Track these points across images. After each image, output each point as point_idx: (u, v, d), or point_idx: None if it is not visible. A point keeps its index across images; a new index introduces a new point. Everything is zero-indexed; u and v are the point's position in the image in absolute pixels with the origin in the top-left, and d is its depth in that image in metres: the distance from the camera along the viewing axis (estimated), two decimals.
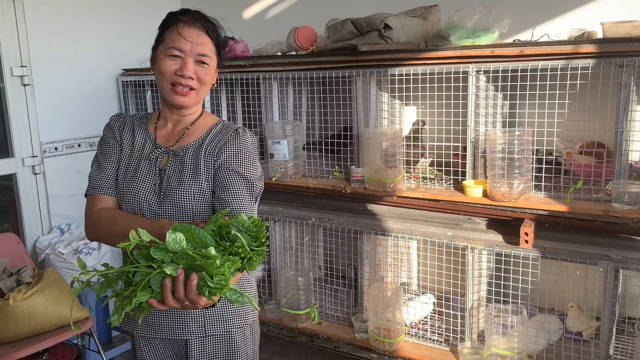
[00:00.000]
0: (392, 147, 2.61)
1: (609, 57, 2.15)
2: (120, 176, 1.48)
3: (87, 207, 1.47)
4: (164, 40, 1.45)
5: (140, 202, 1.43)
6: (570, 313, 2.66)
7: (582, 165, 2.40)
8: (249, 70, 3.10)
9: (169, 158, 1.48)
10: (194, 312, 1.44)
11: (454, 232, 2.67)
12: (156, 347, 1.52)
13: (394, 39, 2.63)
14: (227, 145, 1.46)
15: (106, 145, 1.52)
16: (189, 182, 1.42)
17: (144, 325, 1.46)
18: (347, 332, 2.95)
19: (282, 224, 3.16)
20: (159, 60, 1.45)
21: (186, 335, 1.46)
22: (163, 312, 1.43)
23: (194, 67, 1.42)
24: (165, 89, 1.44)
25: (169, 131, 1.53)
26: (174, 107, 1.48)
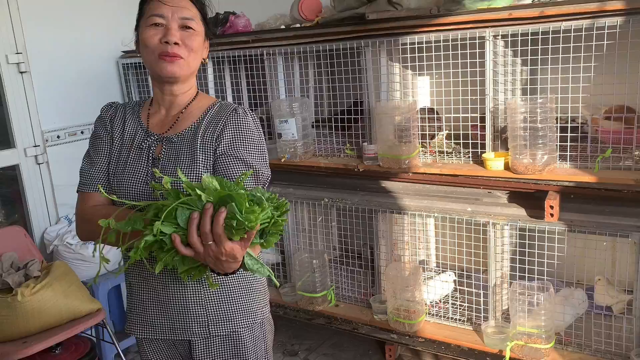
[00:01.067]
0: (406, 121, 2.48)
1: (639, 14, 1.99)
2: (112, 169, 1.39)
3: (78, 205, 1.39)
4: (143, 13, 1.36)
5: (133, 195, 1.33)
6: (598, 287, 2.54)
7: (610, 132, 2.25)
8: (252, 45, 2.96)
9: (162, 146, 1.37)
10: (196, 311, 1.36)
11: (474, 207, 2.55)
12: (160, 348, 1.44)
13: (404, 5, 2.47)
14: (227, 128, 1.34)
15: (97, 139, 1.43)
16: (186, 171, 1.32)
17: (146, 326, 1.39)
18: (365, 313, 2.87)
19: (293, 206, 3.06)
20: (141, 35, 1.35)
21: (189, 336, 1.38)
22: (164, 312, 1.36)
23: (179, 33, 1.32)
24: (152, 60, 1.33)
25: (163, 117, 1.42)
26: (165, 82, 1.37)
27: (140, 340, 1.44)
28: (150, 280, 1.35)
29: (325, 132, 3.06)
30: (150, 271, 1.27)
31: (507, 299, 2.59)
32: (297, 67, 3.07)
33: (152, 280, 1.35)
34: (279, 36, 2.87)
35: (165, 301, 1.35)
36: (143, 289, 1.37)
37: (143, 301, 1.38)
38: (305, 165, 2.85)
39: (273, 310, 3.22)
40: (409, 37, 2.47)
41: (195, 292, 1.35)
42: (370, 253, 2.96)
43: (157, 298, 1.36)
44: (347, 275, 3.05)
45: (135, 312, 1.39)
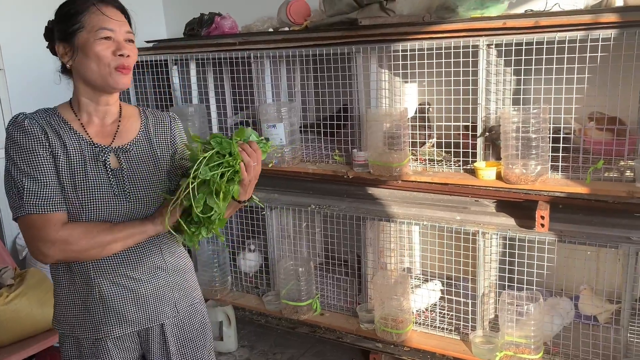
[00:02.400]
0: (397, 128, 2.45)
1: (633, 27, 2.00)
2: (68, 187, 1.36)
3: (38, 229, 1.32)
4: (84, 26, 1.37)
5: (104, 208, 1.38)
6: (583, 297, 2.56)
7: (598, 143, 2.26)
8: (240, 48, 2.90)
9: (117, 157, 1.43)
10: (166, 294, 1.49)
11: (463, 216, 2.54)
12: (125, 346, 1.48)
13: (396, 12, 2.45)
14: (174, 125, 1.57)
15: (34, 155, 1.34)
16: (154, 176, 1.45)
17: (123, 323, 1.44)
18: (351, 322, 2.82)
19: (279, 212, 3.00)
20: (88, 47, 1.36)
21: (162, 320, 1.49)
22: (139, 305, 1.45)
23: (128, 46, 1.40)
24: (106, 73, 1.37)
25: (99, 127, 1.45)
26: (107, 93, 1.42)
27: (104, 342, 1.45)
28: (121, 282, 1.42)
29: (312, 138, 3.01)
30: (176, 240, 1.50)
31: (494, 308, 2.59)
32: (284, 71, 3.02)
33: (123, 280, 1.43)
34: (267, 39, 2.81)
35: (139, 295, 1.45)
36: (117, 292, 1.42)
37: (117, 303, 1.42)
38: (293, 171, 2.80)
39: (254, 318, 3.18)
40: (402, 44, 2.45)
41: (166, 278, 1.50)
42: (357, 261, 2.92)
43: (131, 295, 1.44)
44: (332, 283, 3.00)
45: (107, 315, 1.42)
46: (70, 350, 1.47)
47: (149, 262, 1.46)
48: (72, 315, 1.43)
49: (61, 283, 1.44)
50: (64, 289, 1.44)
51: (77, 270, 1.40)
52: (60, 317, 1.46)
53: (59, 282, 1.44)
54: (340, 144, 2.87)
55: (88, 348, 1.45)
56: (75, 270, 1.40)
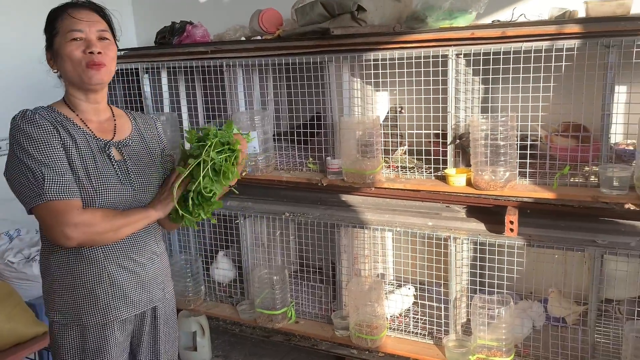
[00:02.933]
0: (369, 136, 2.48)
1: (595, 37, 2.08)
2: (82, 176, 1.47)
3: (62, 214, 1.41)
4: (58, 31, 1.48)
5: (114, 195, 1.51)
6: (551, 299, 2.62)
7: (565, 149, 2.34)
8: (212, 57, 2.89)
9: (119, 150, 1.57)
10: (159, 280, 1.67)
11: (435, 221, 2.58)
12: (126, 328, 1.62)
13: (368, 22, 2.48)
14: (158, 124, 1.77)
15: (49, 146, 1.43)
16: (154, 167, 1.64)
17: (129, 305, 1.58)
18: (326, 329, 2.83)
19: (252, 220, 3.00)
20: (62, 50, 1.47)
21: (156, 302, 1.67)
22: (143, 288, 1.60)
23: (99, 43, 1.49)
24: (80, 71, 1.47)
25: (98, 124, 1.57)
26: (91, 90, 1.52)
27: (109, 324, 1.56)
28: (127, 265, 1.57)
29: (285, 146, 3.02)
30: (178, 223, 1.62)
31: (466, 312, 2.63)
32: (257, 79, 3.03)
33: (129, 264, 1.57)
34: (240, 48, 2.82)
35: (142, 278, 1.60)
36: (125, 275, 1.56)
37: (125, 285, 1.56)
38: (266, 180, 2.80)
39: (228, 328, 3.17)
40: (373, 54, 2.49)
41: (159, 265, 1.67)
42: (332, 268, 2.94)
43: (136, 278, 1.59)
44: (307, 290, 3.00)
45: (116, 297, 1.54)
46: (73, 338, 1.54)
47: (148, 247, 1.63)
48: (80, 302, 1.51)
49: (67, 273, 1.51)
50: (70, 278, 1.51)
51: (87, 257, 1.51)
52: (62, 307, 1.52)
53: (64, 273, 1.51)
54: (314, 152, 2.88)
55: (94, 333, 1.54)
56: (86, 256, 1.50)
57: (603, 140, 2.16)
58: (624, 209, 2.17)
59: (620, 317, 2.43)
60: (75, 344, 1.55)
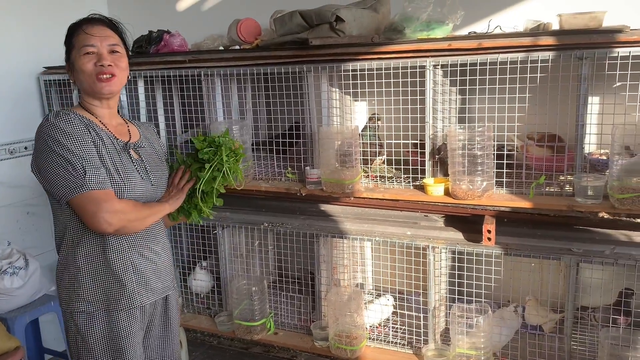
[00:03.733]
0: (348, 146, 2.49)
1: (569, 50, 2.12)
2: (113, 172, 1.61)
3: (102, 202, 1.54)
4: (74, 45, 1.64)
5: (138, 189, 1.66)
6: (529, 307, 2.65)
7: (540, 158, 2.37)
8: (190, 66, 2.87)
9: (135, 151, 1.72)
10: (170, 269, 1.80)
11: (414, 231, 2.59)
12: (146, 314, 1.73)
13: (346, 32, 2.49)
14: (155, 130, 1.97)
15: (85, 143, 1.57)
16: (163, 167, 1.81)
17: (149, 292, 1.69)
18: (305, 340, 2.82)
19: (230, 230, 2.97)
20: (76, 63, 1.62)
21: (169, 291, 1.80)
22: (159, 275, 1.73)
23: (110, 56, 1.63)
24: (91, 82, 1.62)
25: (114, 127, 1.72)
26: (103, 98, 1.67)
27: (127, 311, 1.66)
28: (147, 254, 1.70)
29: (264, 155, 3.01)
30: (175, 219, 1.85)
31: (445, 321, 2.64)
32: (235, 88, 3.01)
33: (149, 253, 1.70)
34: (218, 57, 2.80)
35: (159, 266, 1.74)
36: (145, 263, 1.69)
37: (146, 273, 1.69)
38: (245, 190, 2.77)
39: (206, 340, 3.13)
40: (352, 64, 2.50)
41: (169, 253, 1.81)
42: (311, 278, 2.93)
43: (154, 267, 1.72)
44: (286, 301, 2.98)
45: (140, 284, 1.67)
46: (100, 325, 1.64)
47: (162, 238, 1.78)
48: (107, 291, 1.63)
49: (95, 263, 1.62)
50: (98, 268, 1.63)
51: (113, 247, 1.63)
52: (91, 296, 1.62)
53: (92, 263, 1.62)
54: (293, 162, 2.88)
55: (121, 319, 1.65)
56: (112, 246, 1.62)
57: (577, 150, 2.20)
58: (598, 218, 2.21)
59: (596, 324, 2.47)
60: (102, 331, 1.65)
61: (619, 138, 2.06)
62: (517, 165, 2.39)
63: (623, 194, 2.04)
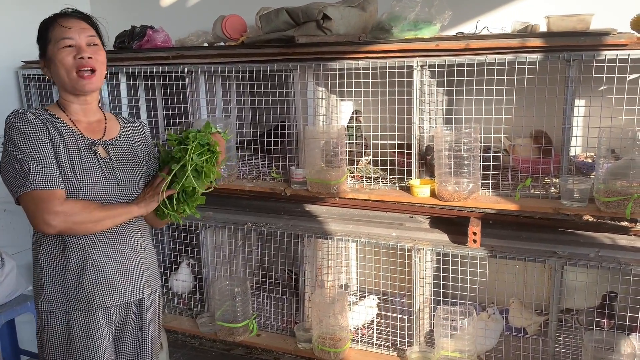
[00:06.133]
0: (334, 146, 2.45)
1: (556, 52, 2.11)
2: (68, 170, 1.56)
3: (42, 202, 1.50)
4: (50, 39, 1.58)
5: (98, 189, 1.59)
6: (512, 309, 2.64)
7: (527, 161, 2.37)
8: (173, 62, 2.82)
9: (106, 149, 1.65)
10: (145, 273, 1.73)
11: (399, 232, 2.57)
12: (111, 318, 1.66)
13: (333, 31, 2.46)
14: (146, 129, 1.85)
15: (37, 142, 1.52)
16: (138, 168, 1.71)
17: (114, 294, 1.63)
18: (288, 342, 2.78)
19: (213, 230, 2.92)
20: (55, 57, 1.57)
21: (142, 295, 1.72)
22: (127, 279, 1.67)
23: (89, 49, 1.59)
24: (72, 78, 1.57)
25: (87, 124, 1.66)
26: (80, 95, 1.62)
27: (94, 311, 1.61)
28: (112, 254, 1.64)
29: (249, 155, 2.97)
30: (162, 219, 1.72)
31: (430, 323, 2.62)
32: (220, 86, 2.97)
33: (114, 253, 1.64)
34: (202, 54, 2.75)
35: (126, 267, 1.67)
36: (108, 264, 1.63)
37: (109, 273, 1.63)
38: (228, 189, 2.74)
39: (187, 341, 3.07)
40: (338, 63, 2.47)
41: (145, 258, 1.73)
42: (295, 279, 2.89)
43: (122, 268, 1.66)
44: (269, 302, 2.94)
45: (100, 285, 1.61)
46: (58, 325, 1.61)
47: (133, 239, 1.70)
48: (66, 290, 1.59)
49: (54, 262, 1.59)
50: (57, 267, 1.59)
51: (72, 246, 1.58)
52: (50, 296, 1.59)
53: (51, 262, 1.59)
54: (278, 161, 2.84)
55: (79, 320, 1.61)
56: (71, 245, 1.58)
57: (564, 153, 2.19)
58: (583, 221, 2.21)
59: (580, 327, 2.47)
60: (60, 332, 1.61)
61: (605, 141, 2.06)
62: (504, 167, 2.38)
63: (609, 197, 2.04)
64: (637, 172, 2.00)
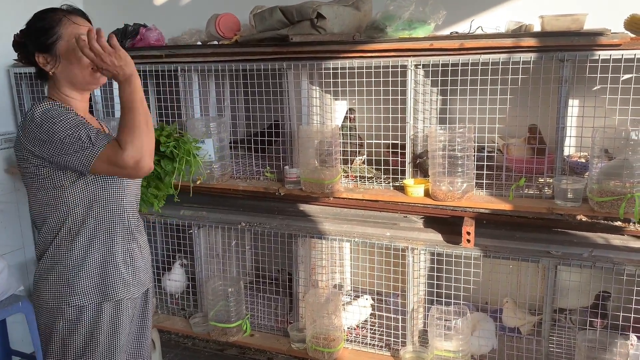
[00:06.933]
0: (328, 145, 2.45)
1: (550, 51, 2.11)
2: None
3: (112, 157, 1.52)
4: (61, 36, 1.58)
5: (133, 181, 1.74)
6: (506, 309, 2.64)
7: (521, 160, 2.37)
8: (165, 61, 2.80)
9: None
10: (150, 263, 1.83)
11: (393, 232, 2.57)
12: (134, 307, 1.74)
13: (327, 30, 2.45)
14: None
15: (84, 125, 1.55)
16: None
17: (137, 285, 1.72)
18: (282, 342, 2.77)
19: (207, 230, 2.91)
20: (70, 54, 1.58)
21: (150, 283, 1.83)
22: (145, 268, 1.77)
23: None
24: (86, 74, 1.60)
25: (89, 119, 1.69)
26: (86, 91, 1.68)
27: (120, 302, 1.67)
28: (134, 247, 1.73)
29: (242, 154, 2.95)
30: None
31: (423, 323, 2.62)
32: (213, 85, 2.95)
33: (135, 246, 1.73)
34: (195, 52, 2.74)
35: (146, 258, 1.79)
36: (134, 254, 1.72)
37: (135, 264, 1.72)
38: (222, 188, 2.73)
39: (180, 341, 3.06)
40: (332, 62, 2.46)
41: (148, 248, 1.83)
42: (288, 279, 2.88)
43: (142, 258, 1.76)
44: (263, 302, 2.93)
45: (129, 275, 1.69)
46: (90, 318, 1.64)
47: (142, 229, 1.81)
48: (102, 284, 1.64)
49: (88, 258, 1.63)
50: (96, 261, 1.64)
51: (100, 238, 1.64)
52: (82, 290, 1.62)
53: (84, 258, 1.62)
54: (272, 161, 2.83)
55: (110, 311, 1.66)
56: (99, 238, 1.63)
57: (557, 153, 2.19)
58: (576, 221, 2.21)
59: (573, 327, 2.47)
60: (88, 325, 1.63)
61: (598, 141, 2.06)
62: (498, 167, 2.38)
63: (602, 197, 2.04)
64: (631, 172, 2.01)
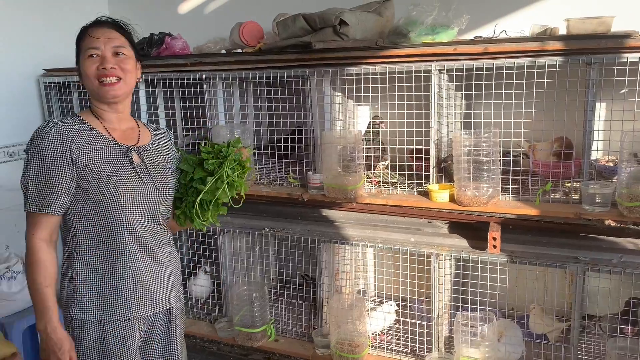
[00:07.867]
0: (351, 151, 2.45)
1: (577, 55, 2.09)
2: (105, 178, 1.58)
3: (30, 226, 1.57)
4: (81, 49, 1.63)
5: (137, 195, 1.63)
6: (533, 315, 2.61)
7: (547, 165, 2.34)
8: (190, 69, 2.84)
9: (139, 154, 1.68)
10: (174, 281, 1.78)
11: (417, 237, 2.56)
12: (144, 327, 1.71)
13: (350, 36, 2.46)
14: (170, 135, 1.91)
15: (54, 166, 1.55)
16: (166, 170, 1.75)
17: (148, 304, 1.67)
18: (307, 348, 2.77)
19: (231, 235, 2.93)
20: (82, 67, 1.62)
21: (172, 303, 1.77)
22: (162, 288, 1.71)
23: (114, 59, 1.62)
24: (95, 86, 1.62)
25: (121, 132, 1.70)
26: (107, 102, 1.65)
27: (130, 321, 1.64)
28: (153, 265, 1.68)
29: (266, 160, 2.98)
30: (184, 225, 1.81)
31: (449, 329, 2.60)
32: (237, 92, 2.98)
33: (154, 264, 1.69)
34: (220, 61, 2.77)
35: (163, 279, 1.72)
36: (147, 274, 1.67)
37: (148, 284, 1.67)
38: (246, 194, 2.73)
39: (206, 346, 3.08)
40: (355, 68, 2.46)
41: (175, 267, 1.78)
42: (312, 284, 2.89)
43: (158, 279, 1.70)
44: (287, 307, 2.94)
45: (138, 295, 1.65)
46: (91, 334, 1.62)
47: (164, 248, 1.74)
48: (102, 300, 1.61)
49: (92, 269, 1.61)
50: (94, 275, 1.62)
51: (112, 254, 1.61)
52: (85, 304, 1.61)
53: (89, 269, 1.61)
54: (295, 167, 2.84)
55: (115, 330, 1.63)
56: (111, 254, 1.61)
57: (585, 157, 2.16)
58: (605, 226, 2.18)
59: (602, 334, 2.43)
60: (94, 340, 1.62)
61: (627, 145, 2.03)
62: (523, 172, 2.35)
63: (632, 202, 2.00)
64: None
